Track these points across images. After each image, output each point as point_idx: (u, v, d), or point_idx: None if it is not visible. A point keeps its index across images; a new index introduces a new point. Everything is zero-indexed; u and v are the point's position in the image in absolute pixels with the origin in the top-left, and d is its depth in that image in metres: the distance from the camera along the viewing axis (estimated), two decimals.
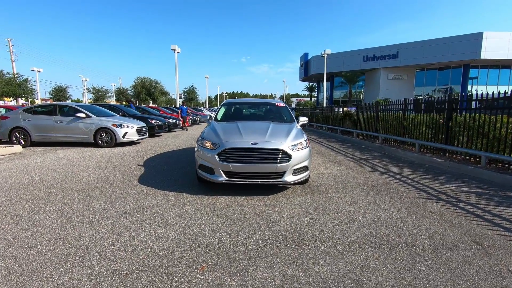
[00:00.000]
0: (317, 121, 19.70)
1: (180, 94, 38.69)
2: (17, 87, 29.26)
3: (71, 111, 9.31)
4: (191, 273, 2.20)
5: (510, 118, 5.64)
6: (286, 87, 79.52)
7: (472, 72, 32.19)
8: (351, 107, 16.29)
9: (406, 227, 3.13)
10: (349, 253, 2.53)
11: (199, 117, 24.04)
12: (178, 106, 29.92)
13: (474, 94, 6.56)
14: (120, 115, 11.75)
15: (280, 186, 4.62)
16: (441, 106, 7.83)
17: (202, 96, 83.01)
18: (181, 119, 17.26)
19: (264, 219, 3.31)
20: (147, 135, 10.75)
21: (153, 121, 12.60)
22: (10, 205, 3.65)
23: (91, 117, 9.16)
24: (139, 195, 4.14)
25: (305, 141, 4.43)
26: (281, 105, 6.30)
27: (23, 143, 9.01)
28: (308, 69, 43.93)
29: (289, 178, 4.02)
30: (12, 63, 35.29)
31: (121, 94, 53.05)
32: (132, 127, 9.50)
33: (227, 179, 3.97)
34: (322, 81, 36.18)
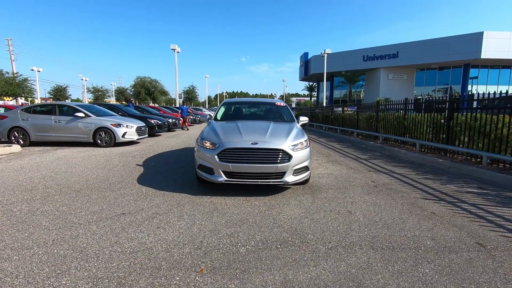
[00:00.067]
0: (317, 121, 19.66)
1: (180, 93, 38.64)
2: (17, 87, 29.24)
3: (70, 110, 9.26)
4: (190, 275, 2.16)
5: (511, 118, 5.61)
6: (286, 87, 79.59)
7: (472, 72, 32.18)
8: (351, 106, 16.26)
9: (408, 228, 3.09)
10: (351, 255, 2.49)
11: (199, 116, 23.97)
12: (178, 105, 29.91)
13: (475, 93, 6.51)
14: (119, 114, 11.72)
15: (280, 186, 4.58)
16: (441, 106, 7.79)
17: (202, 95, 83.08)
18: (181, 119, 17.21)
19: (264, 220, 3.27)
20: (147, 135, 10.70)
21: (152, 121, 12.55)
22: (7, 206, 3.61)
23: (90, 116, 9.11)
24: (138, 195, 4.10)
25: (305, 141, 4.38)
26: (281, 104, 6.26)
27: (22, 142, 8.96)
28: (308, 69, 43.90)
29: (290, 178, 3.98)
30: (11, 63, 35.26)
31: (121, 93, 52.97)
32: (131, 126, 9.46)
33: (226, 179, 3.93)
34: (322, 80, 36.15)
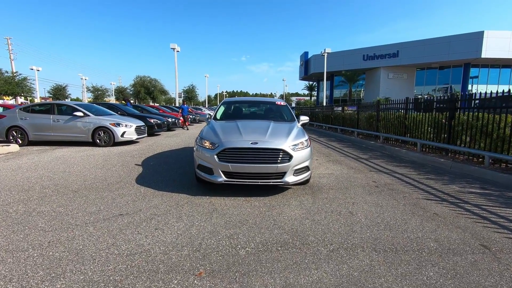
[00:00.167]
0: (317, 121, 19.60)
1: (179, 93, 38.59)
2: (16, 86, 29.18)
3: (69, 110, 9.20)
4: (188, 279, 2.10)
5: None
6: (286, 86, 79.55)
7: (472, 71, 32.12)
8: (351, 106, 16.21)
9: (410, 229, 3.03)
10: (353, 258, 2.44)
11: (198, 116, 23.89)
12: (178, 105, 29.85)
13: (477, 93, 6.44)
14: (118, 114, 11.66)
15: (280, 186, 4.52)
16: (441, 105, 7.73)
17: (201, 95, 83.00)
18: (181, 118, 17.13)
19: (264, 221, 3.21)
20: (146, 134, 10.63)
21: (152, 120, 12.49)
22: (3, 206, 3.55)
23: (89, 116, 9.05)
24: (136, 196, 4.05)
25: (306, 140, 4.32)
26: (282, 104, 6.20)
27: (20, 142, 8.89)
28: (308, 68, 43.82)
29: (290, 178, 3.92)
30: (11, 62, 35.19)
31: (120, 93, 52.84)
32: (130, 126, 9.39)
33: (226, 179, 3.87)
34: (322, 80, 36.08)
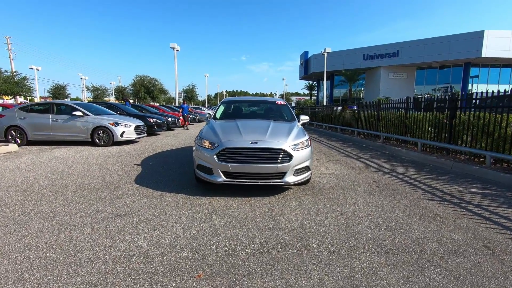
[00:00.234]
0: (317, 120, 19.56)
1: (179, 92, 38.54)
2: (15, 85, 29.12)
3: (68, 109, 9.15)
4: (187, 281, 2.07)
5: None
6: (286, 86, 79.54)
7: (472, 70, 32.06)
8: (352, 105, 16.16)
9: (412, 230, 3.00)
10: (354, 259, 2.40)
11: (198, 115, 23.81)
12: (178, 104, 29.80)
13: (479, 92, 6.41)
14: (118, 113, 11.62)
15: (280, 187, 4.49)
16: (442, 105, 7.70)
17: (201, 94, 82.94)
18: (181, 117, 17.08)
19: (264, 221, 3.18)
20: (145, 134, 10.60)
21: (151, 120, 12.44)
22: (0, 207, 3.51)
23: (88, 115, 9.00)
24: (135, 196, 4.01)
25: (306, 140, 4.28)
26: (282, 103, 6.16)
27: (19, 142, 8.85)
28: (308, 68, 43.75)
29: (290, 178, 3.89)
30: (10, 61, 35.14)
31: (120, 92, 52.77)
32: (130, 125, 9.35)
33: (226, 179, 3.83)
34: (322, 79, 36.03)
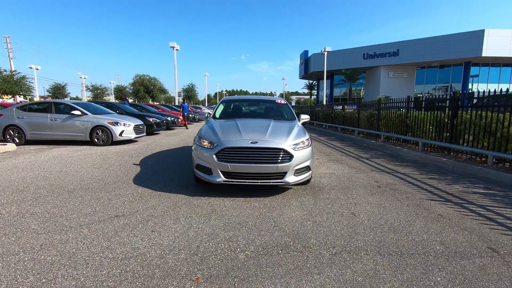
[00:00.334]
0: (317, 119, 19.50)
1: (179, 91, 38.46)
2: (15, 85, 29.00)
3: (67, 108, 9.08)
4: (185, 285, 2.01)
5: None
6: (286, 85, 79.39)
7: (473, 70, 31.99)
8: (352, 105, 16.09)
9: (415, 231, 2.94)
10: (356, 261, 2.35)
11: (198, 115, 23.71)
12: (177, 104, 29.72)
13: (481, 91, 6.35)
14: (117, 112, 11.55)
15: (281, 187, 4.43)
16: (442, 104, 7.64)
17: (201, 94, 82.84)
18: (181, 117, 17.01)
19: (264, 222, 3.12)
20: (145, 133, 10.54)
21: (151, 119, 12.37)
22: None
23: (87, 114, 8.94)
24: (133, 196, 3.95)
25: (307, 139, 4.23)
26: (282, 102, 6.10)
27: (17, 141, 8.79)
28: (308, 67, 43.67)
29: (291, 178, 3.83)
30: (9, 60, 35.06)
31: (120, 91, 52.67)
32: (129, 125, 9.29)
33: (225, 179, 3.78)
34: (322, 79, 35.97)
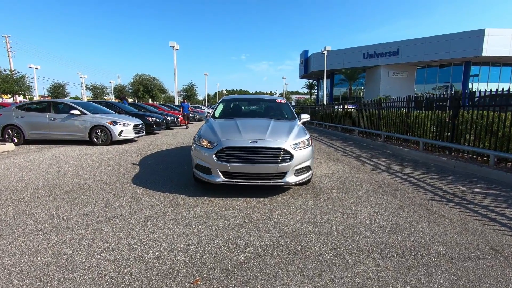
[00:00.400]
0: (318, 119, 19.46)
1: (179, 91, 38.38)
2: (14, 84, 28.90)
3: (66, 108, 9.04)
4: (184, 287, 1.97)
5: None
6: (286, 85, 79.35)
7: (473, 69, 31.93)
8: (352, 104, 16.05)
9: (417, 232, 2.90)
10: (358, 263, 2.31)
11: (197, 114, 23.59)
12: (177, 103, 29.64)
13: (483, 90, 6.31)
14: (116, 112, 11.51)
15: (281, 187, 4.39)
16: (443, 103, 7.60)
17: (201, 93, 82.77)
18: (181, 116, 16.93)
19: (264, 223, 3.08)
20: (144, 133, 10.49)
21: (150, 119, 12.32)
22: None
23: (86, 114, 8.90)
24: (132, 196, 3.91)
25: (307, 139, 4.19)
26: (282, 101, 6.06)
27: (16, 141, 8.75)
28: (308, 66, 43.59)
29: (291, 178, 3.79)
30: (9, 60, 34.98)
31: (119, 91, 52.56)
32: (128, 124, 9.24)
33: (225, 179, 3.74)
34: (322, 78, 35.90)
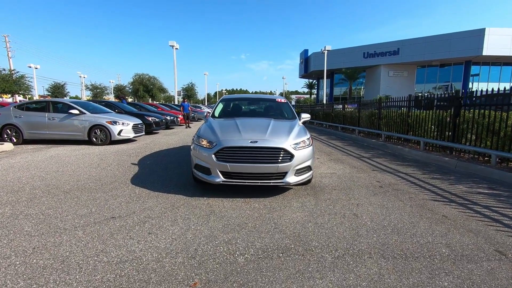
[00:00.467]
0: (318, 119, 19.41)
1: (178, 91, 38.32)
2: (13, 84, 28.83)
3: (65, 107, 8.99)
4: None
5: None
6: (286, 84, 79.32)
7: (473, 69, 31.89)
8: (352, 104, 16.00)
9: (420, 233, 2.86)
10: (360, 265, 2.27)
11: (197, 114, 23.55)
12: (177, 103, 29.60)
13: (485, 90, 6.26)
14: (116, 112, 11.46)
15: (281, 187, 4.35)
16: (444, 103, 7.56)
17: (201, 93, 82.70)
18: (181, 116, 16.89)
19: (264, 224, 3.04)
20: (144, 133, 10.45)
21: (150, 118, 12.28)
22: None
23: (85, 113, 8.85)
24: (131, 197, 3.87)
25: (308, 139, 4.14)
26: (282, 101, 6.01)
27: (14, 140, 8.70)
28: (308, 66, 43.54)
29: (291, 178, 3.75)
30: (9, 59, 34.93)
31: (119, 91, 52.47)
32: (127, 124, 9.20)
33: (224, 180, 3.69)
34: (322, 78, 35.84)
